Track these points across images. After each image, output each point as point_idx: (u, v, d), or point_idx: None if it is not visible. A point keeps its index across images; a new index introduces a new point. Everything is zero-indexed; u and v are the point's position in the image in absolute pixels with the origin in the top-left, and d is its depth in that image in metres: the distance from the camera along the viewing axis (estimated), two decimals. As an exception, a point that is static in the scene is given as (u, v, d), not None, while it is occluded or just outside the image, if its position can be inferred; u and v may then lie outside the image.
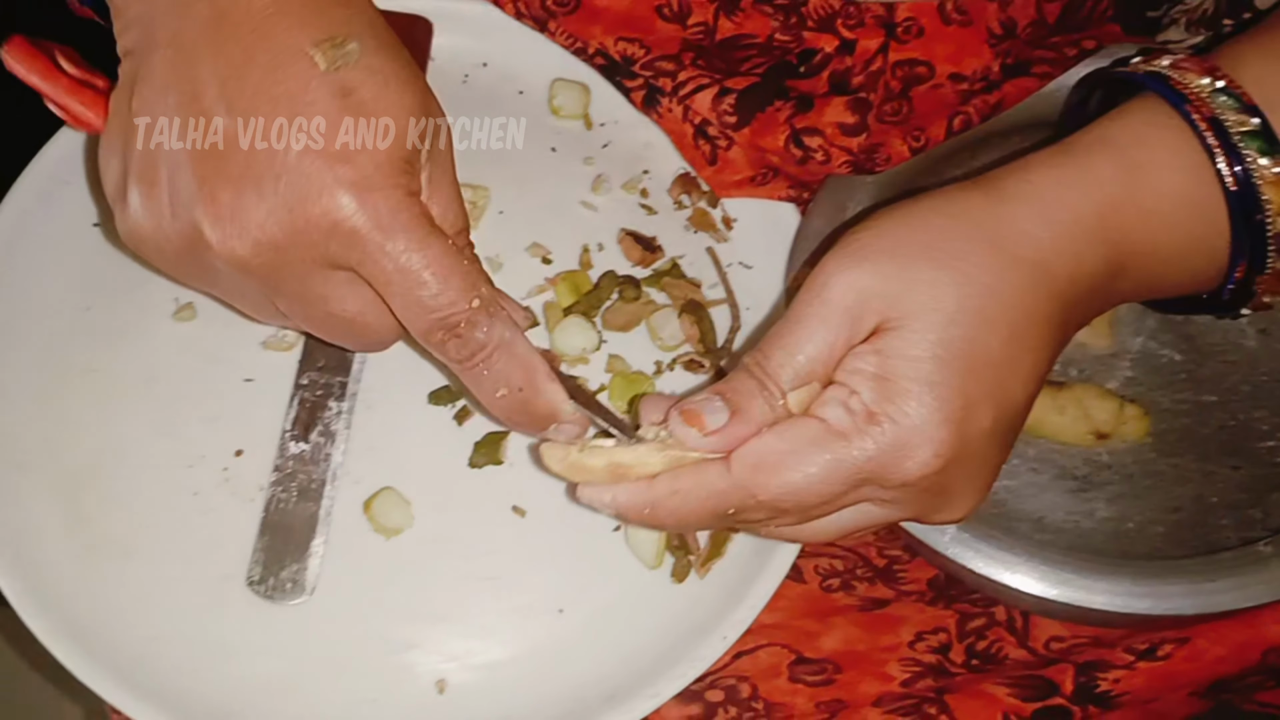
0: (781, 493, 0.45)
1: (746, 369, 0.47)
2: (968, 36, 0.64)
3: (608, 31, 0.68)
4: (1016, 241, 0.46)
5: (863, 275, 0.45)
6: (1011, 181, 0.48)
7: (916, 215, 0.47)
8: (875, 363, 0.45)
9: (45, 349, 0.62)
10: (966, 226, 0.46)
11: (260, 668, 0.56)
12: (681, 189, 0.68)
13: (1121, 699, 0.57)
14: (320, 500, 0.58)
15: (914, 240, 0.46)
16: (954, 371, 0.45)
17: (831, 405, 0.45)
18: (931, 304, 0.45)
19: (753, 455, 0.45)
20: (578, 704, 0.56)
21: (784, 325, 0.47)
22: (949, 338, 0.45)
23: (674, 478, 0.47)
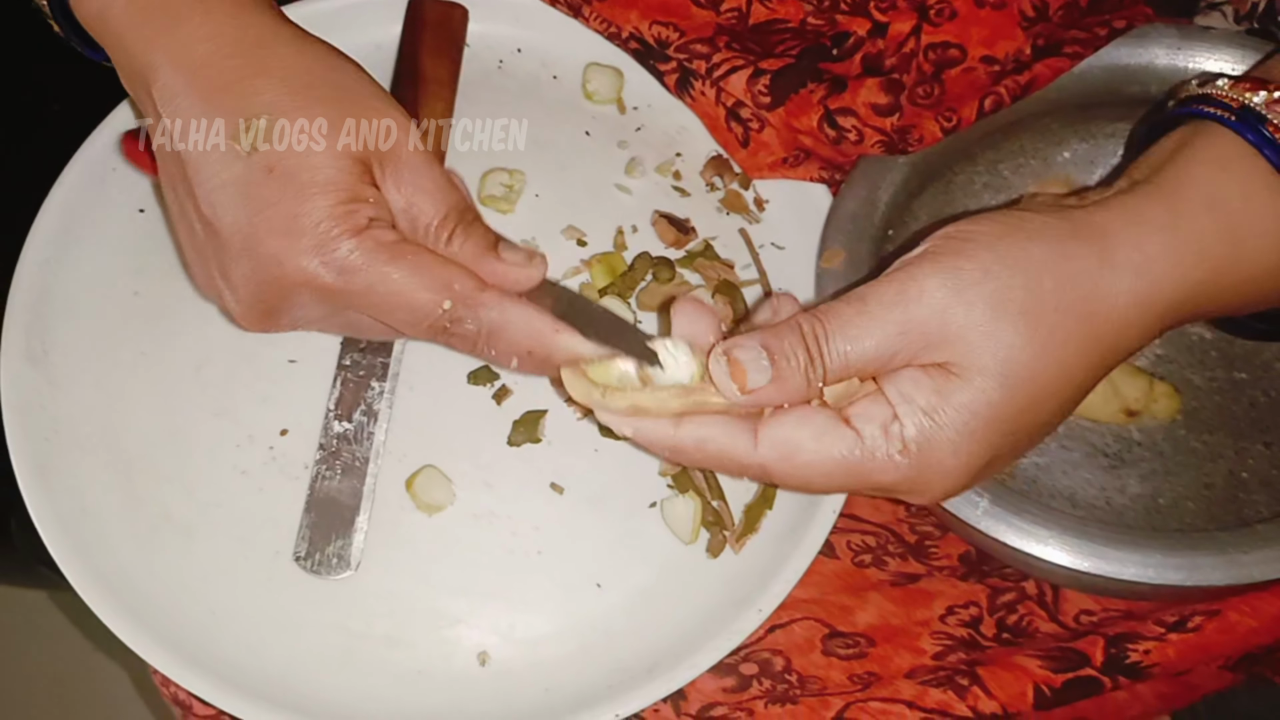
0: (797, 484, 0.47)
1: (801, 334, 0.46)
2: (1000, 19, 0.65)
3: (643, 16, 0.69)
4: (1109, 320, 0.46)
5: (957, 309, 0.45)
6: (1125, 250, 0.46)
7: (1027, 266, 0.45)
8: (930, 402, 0.45)
9: (98, 335, 0.63)
10: (1070, 296, 0.45)
11: (309, 640, 0.58)
12: (714, 171, 0.69)
13: (1152, 670, 0.57)
14: (364, 478, 0.59)
15: (1017, 295, 0.45)
16: (996, 434, 0.45)
17: (872, 423, 0.45)
18: (1005, 366, 0.45)
19: (784, 444, 0.46)
20: (616, 675, 0.57)
21: (856, 309, 0.46)
22: (1005, 405, 0.45)
23: (702, 434, 0.47)
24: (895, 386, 0.45)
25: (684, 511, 0.60)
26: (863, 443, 0.45)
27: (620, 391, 0.47)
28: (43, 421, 0.61)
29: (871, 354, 0.45)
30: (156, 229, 0.66)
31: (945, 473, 0.46)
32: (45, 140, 0.95)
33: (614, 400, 0.47)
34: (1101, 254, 0.46)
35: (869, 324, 0.45)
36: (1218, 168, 0.49)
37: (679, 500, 0.60)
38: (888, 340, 0.45)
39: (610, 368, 0.49)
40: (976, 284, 0.45)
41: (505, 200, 0.67)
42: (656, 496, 0.61)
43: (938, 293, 0.45)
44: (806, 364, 0.46)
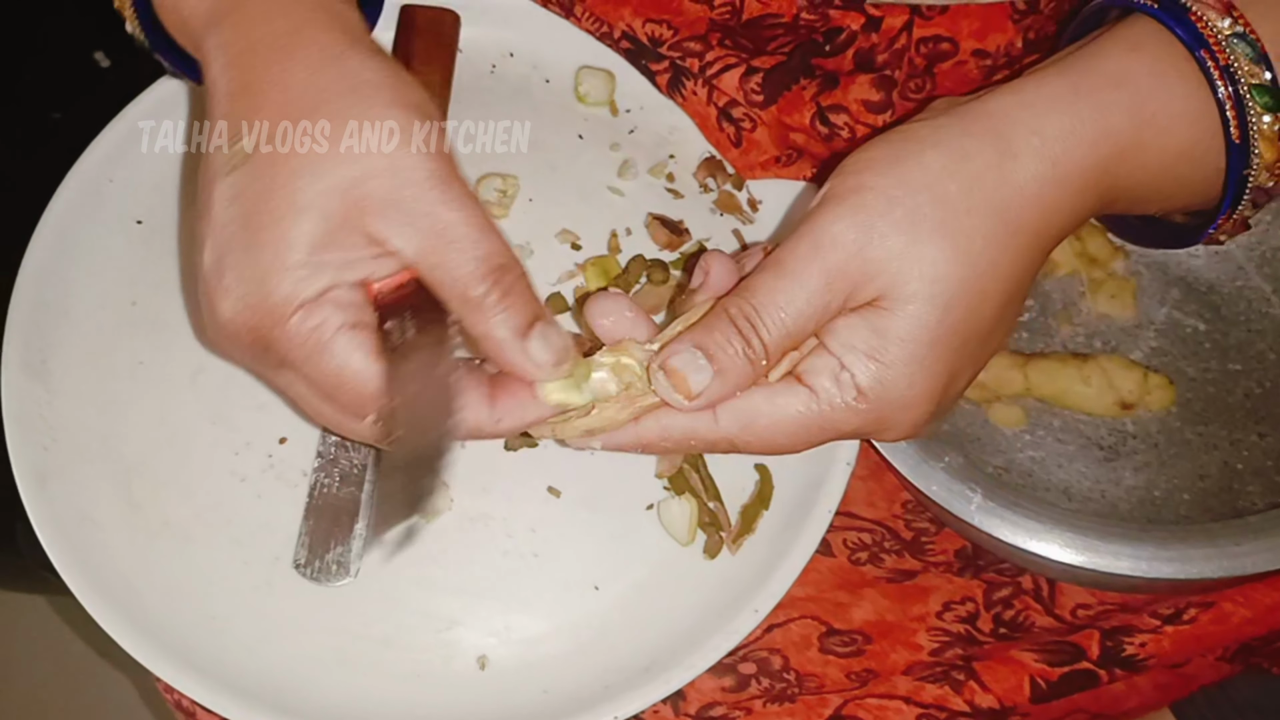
0: (765, 448, 0.48)
1: (730, 320, 0.46)
2: (992, 13, 0.65)
3: (636, 13, 0.69)
4: (1024, 210, 0.46)
5: (871, 244, 0.44)
6: (1023, 136, 0.46)
7: (928, 180, 0.45)
8: (871, 343, 0.45)
9: (96, 344, 0.64)
10: (979, 198, 0.45)
11: (308, 646, 0.58)
12: (707, 172, 0.69)
13: (1148, 662, 0.58)
14: (362, 485, 0.60)
15: (924, 211, 0.45)
16: (945, 351, 0.45)
17: (822, 375, 0.46)
18: (934, 286, 0.45)
19: (743, 415, 0.47)
20: (615, 677, 0.57)
21: (775, 275, 0.46)
22: (946, 321, 0.45)
23: (662, 425, 0.48)
24: (835, 338, 0.46)
25: (680, 513, 0.60)
26: (817, 397, 0.46)
27: (569, 423, 0.48)
28: (42, 430, 0.61)
29: (805, 316, 0.45)
30: (153, 240, 0.66)
31: (907, 405, 0.46)
32: (45, 149, 0.95)
33: (566, 430, 0.48)
34: (998, 145, 0.46)
35: (793, 286, 0.45)
36: (1128, 47, 0.48)
37: (675, 502, 0.60)
38: (816, 296, 0.45)
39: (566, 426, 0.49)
40: (884, 214, 0.45)
41: (500, 205, 0.67)
42: (653, 498, 0.61)
43: (849, 234, 0.45)
44: (744, 348, 0.46)
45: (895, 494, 0.65)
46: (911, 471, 0.59)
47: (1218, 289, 0.68)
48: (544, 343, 0.47)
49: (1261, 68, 0.47)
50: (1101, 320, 0.68)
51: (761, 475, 0.61)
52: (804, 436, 0.47)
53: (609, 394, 0.48)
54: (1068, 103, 0.47)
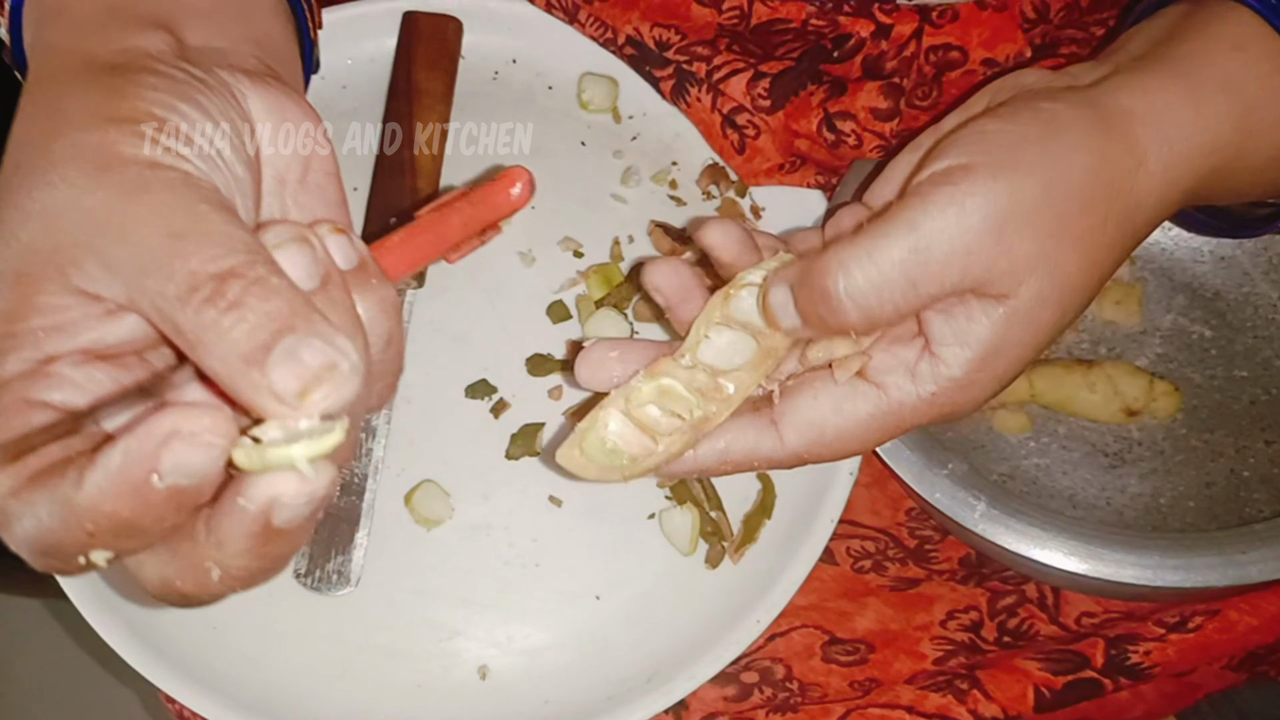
0: (835, 456, 0.47)
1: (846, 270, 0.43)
2: (1002, 21, 0.65)
3: (644, 17, 0.69)
4: (1141, 221, 0.46)
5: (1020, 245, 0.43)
6: (1155, 144, 0.45)
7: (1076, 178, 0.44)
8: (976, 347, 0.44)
9: (97, 353, 0.64)
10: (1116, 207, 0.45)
11: (309, 656, 0.58)
12: (710, 179, 0.69)
13: (1152, 671, 0.57)
14: (363, 494, 0.60)
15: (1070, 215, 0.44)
16: (1027, 348, 0.45)
17: (894, 373, 0.45)
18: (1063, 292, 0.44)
19: (810, 429, 0.46)
20: (616, 687, 0.57)
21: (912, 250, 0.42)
22: (1051, 327, 0.44)
23: (721, 447, 0.46)
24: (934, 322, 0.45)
25: (682, 523, 0.60)
26: (888, 395, 0.45)
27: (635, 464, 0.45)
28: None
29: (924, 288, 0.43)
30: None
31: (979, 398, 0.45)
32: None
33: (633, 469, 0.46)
34: (1135, 153, 0.45)
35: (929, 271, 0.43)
36: (1234, 47, 0.48)
37: (677, 511, 0.60)
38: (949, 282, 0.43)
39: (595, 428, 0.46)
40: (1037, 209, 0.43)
41: None
42: (655, 508, 0.61)
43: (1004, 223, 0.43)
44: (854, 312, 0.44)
45: (899, 502, 0.65)
46: (915, 479, 0.58)
47: (1224, 295, 0.68)
48: (289, 361, 0.32)
49: None
50: (1107, 326, 0.68)
51: (764, 484, 0.61)
52: (874, 440, 0.46)
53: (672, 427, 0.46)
54: (1190, 112, 0.46)
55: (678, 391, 0.46)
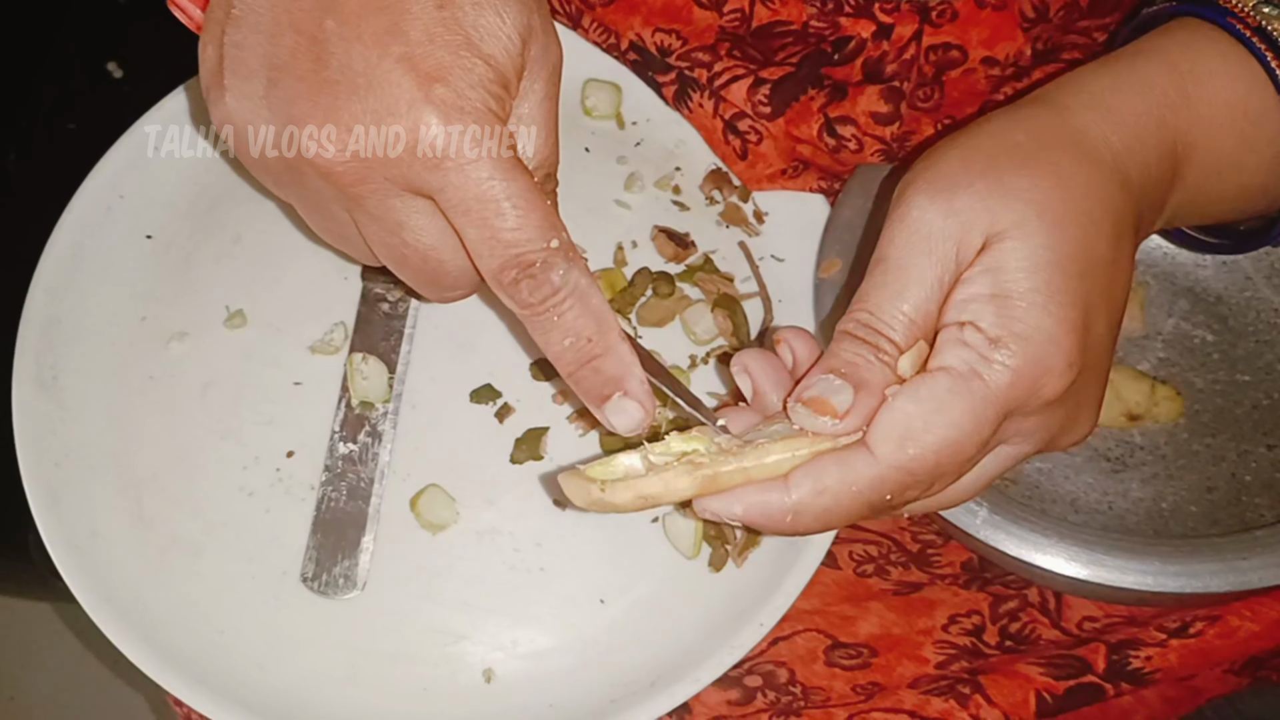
0: (941, 454, 0.42)
1: (851, 334, 0.44)
2: (1001, 20, 0.65)
3: (646, 22, 0.69)
4: (1095, 146, 0.46)
5: (959, 199, 0.43)
6: (1069, 95, 0.47)
7: (992, 134, 0.45)
8: (989, 282, 0.43)
9: (107, 360, 0.64)
10: (1047, 136, 0.45)
11: (316, 660, 0.58)
12: (713, 184, 0.69)
13: (1154, 676, 0.57)
14: (369, 499, 0.60)
15: (999, 156, 0.44)
16: (1071, 275, 0.43)
17: (949, 350, 0.43)
18: (1037, 210, 0.43)
19: (895, 429, 0.42)
20: (620, 690, 0.57)
21: (882, 271, 0.44)
22: (1061, 241, 0.43)
23: (816, 476, 0.43)
24: (953, 302, 0.44)
25: (685, 526, 0.60)
26: (955, 371, 0.42)
27: (622, 482, 0.44)
28: (53, 446, 0.62)
29: (923, 296, 0.44)
30: (163, 254, 0.67)
31: (1053, 337, 0.42)
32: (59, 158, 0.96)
33: (616, 493, 0.44)
34: (1049, 106, 0.47)
35: (899, 274, 0.44)
36: (1158, 34, 0.51)
37: (680, 516, 0.60)
38: (926, 272, 0.44)
39: (609, 465, 0.45)
40: (961, 169, 0.44)
41: None
42: (658, 512, 0.61)
43: (934, 201, 0.44)
44: (874, 352, 0.44)
45: (901, 506, 0.65)
46: (917, 485, 0.59)
47: (1226, 300, 0.68)
48: None
49: None
50: (1109, 331, 0.68)
51: (767, 489, 0.62)
52: (971, 423, 0.42)
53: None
54: (1104, 70, 0.49)
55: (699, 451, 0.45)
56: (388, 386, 0.63)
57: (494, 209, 0.44)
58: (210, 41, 0.47)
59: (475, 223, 0.44)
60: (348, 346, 0.64)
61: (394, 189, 0.45)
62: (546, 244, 0.45)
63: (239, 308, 0.65)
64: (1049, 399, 0.43)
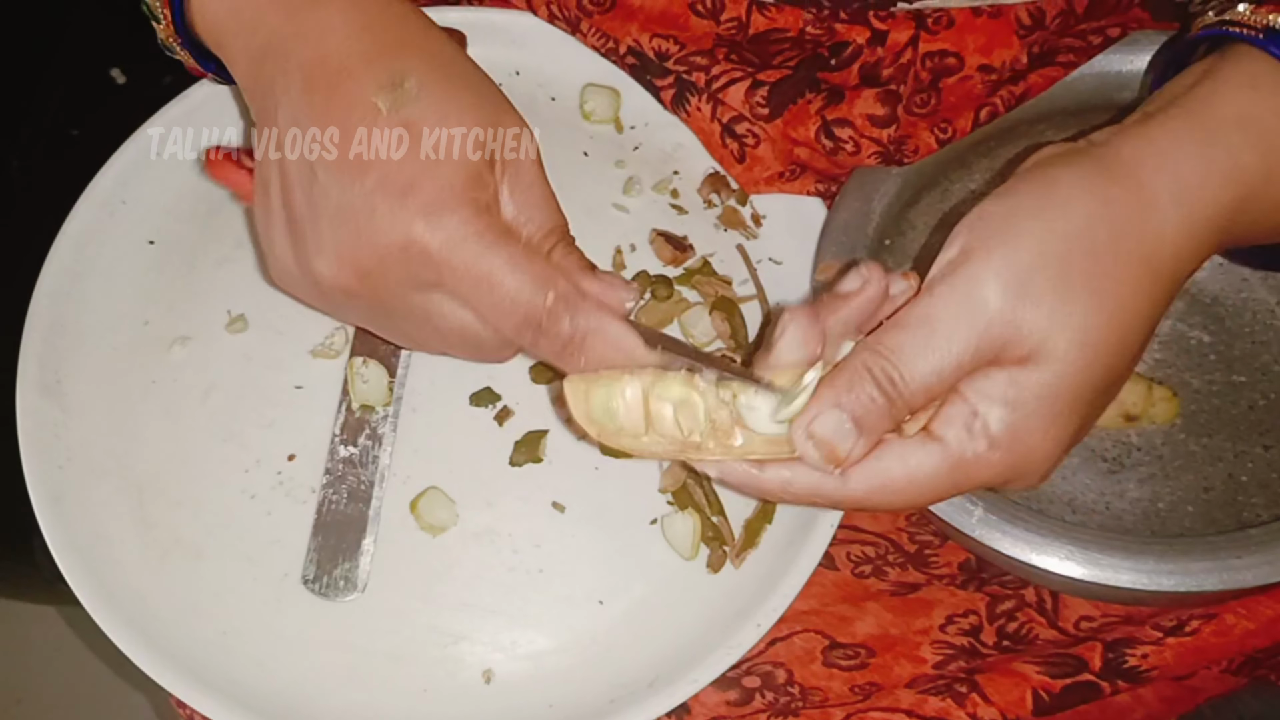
0: (896, 507, 0.47)
1: (874, 381, 0.45)
2: (997, 27, 0.65)
3: (643, 29, 0.69)
4: (1164, 258, 0.46)
5: (1026, 309, 0.44)
6: (1161, 180, 0.46)
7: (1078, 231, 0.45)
8: (1009, 393, 0.45)
9: (109, 364, 0.65)
10: (1126, 247, 0.45)
11: (317, 661, 0.59)
12: (711, 188, 0.70)
13: (1150, 674, 0.58)
14: (369, 501, 0.61)
15: (1076, 267, 0.44)
16: (1084, 402, 0.45)
17: (954, 425, 0.45)
18: (1084, 345, 0.44)
19: (875, 476, 0.46)
20: (619, 691, 0.58)
21: (924, 337, 0.45)
22: (1087, 375, 0.45)
23: (789, 479, 0.47)
24: (972, 386, 0.45)
25: (684, 528, 0.60)
26: (949, 449, 0.45)
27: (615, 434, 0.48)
28: (57, 450, 0.62)
29: (950, 375, 0.45)
30: (166, 260, 0.68)
31: (1041, 455, 0.45)
32: (63, 164, 0.97)
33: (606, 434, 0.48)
34: (1140, 193, 0.46)
35: (940, 349, 0.45)
36: (1246, 86, 0.48)
37: (679, 517, 0.61)
38: (964, 358, 0.45)
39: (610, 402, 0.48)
40: (1037, 269, 0.44)
41: None
42: (656, 513, 0.62)
43: (1002, 295, 0.44)
44: (887, 407, 0.45)
45: (899, 507, 0.65)
46: (913, 485, 0.59)
47: (1222, 301, 0.68)
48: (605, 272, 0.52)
49: None
50: (1105, 332, 0.68)
51: (764, 490, 0.62)
52: (936, 495, 0.46)
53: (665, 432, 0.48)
54: (1200, 147, 0.47)
55: (696, 412, 0.48)
56: (388, 390, 0.63)
57: (489, 283, 0.49)
58: (257, 207, 0.54)
59: (479, 299, 0.50)
60: (348, 350, 0.65)
61: (407, 290, 0.51)
62: (545, 300, 0.49)
63: (240, 312, 0.66)
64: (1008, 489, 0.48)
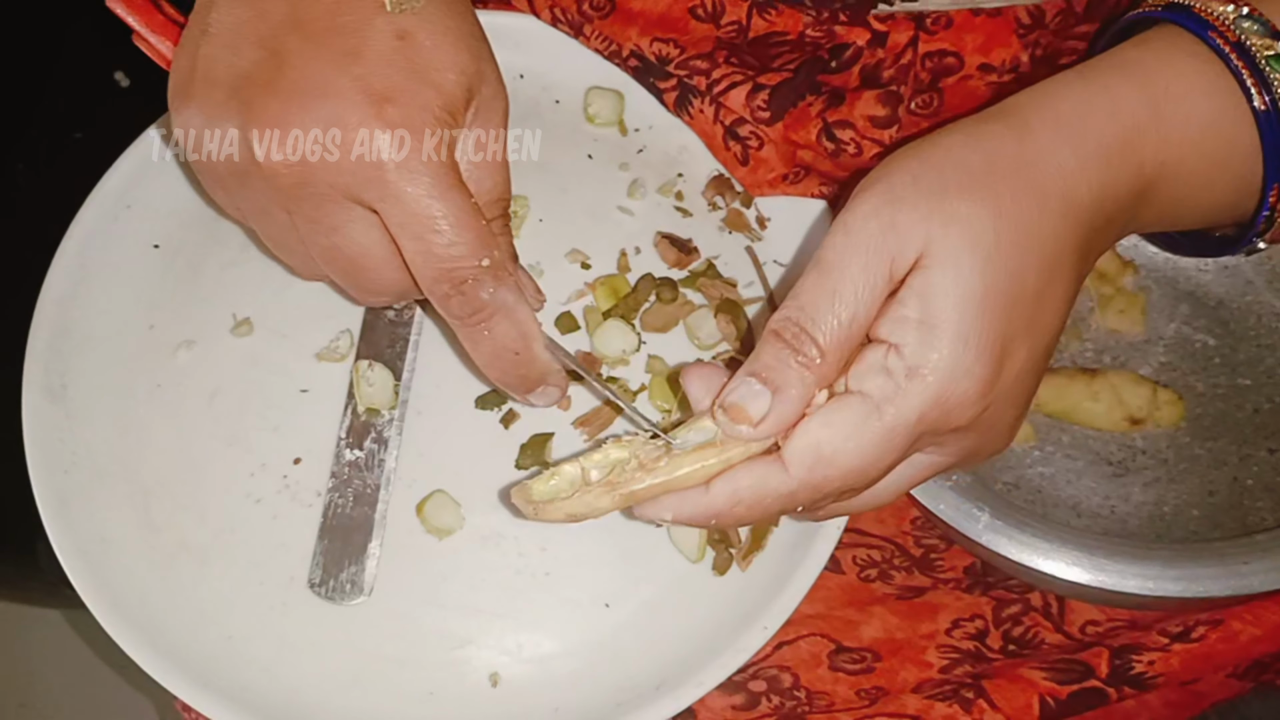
0: (847, 477, 0.45)
1: (777, 335, 0.45)
2: (996, 27, 0.65)
3: (643, 33, 0.69)
4: (1046, 173, 0.46)
5: (900, 213, 0.44)
6: (1035, 111, 0.47)
7: (947, 151, 0.46)
8: (918, 307, 0.44)
9: (115, 369, 0.65)
10: (999, 161, 0.45)
11: (323, 665, 0.59)
12: (715, 190, 0.70)
13: (1156, 680, 0.58)
14: (375, 505, 0.61)
15: (949, 177, 0.45)
16: (993, 310, 0.44)
17: (871, 374, 0.44)
18: (970, 242, 0.44)
19: (808, 451, 0.44)
20: (625, 694, 0.58)
21: (818, 274, 0.44)
22: (989, 276, 0.44)
23: (734, 489, 0.45)
24: (884, 320, 0.45)
25: (690, 531, 0.60)
26: (870, 398, 0.44)
27: (551, 504, 0.48)
28: (62, 454, 0.62)
29: (853, 301, 0.44)
30: (170, 264, 0.68)
31: (967, 371, 0.44)
32: (67, 167, 0.97)
33: (547, 513, 0.48)
34: (1013, 123, 0.47)
35: (835, 276, 0.44)
36: (1133, 44, 0.50)
37: (684, 520, 0.61)
38: (859, 278, 0.44)
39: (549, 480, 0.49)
40: (909, 185, 0.45)
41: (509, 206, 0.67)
42: (662, 516, 0.62)
43: (878, 212, 0.44)
44: (795, 356, 0.44)
45: (904, 511, 0.65)
46: (920, 490, 0.59)
47: (1227, 304, 0.69)
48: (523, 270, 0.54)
49: (1275, 39, 0.47)
50: (1110, 336, 0.68)
51: (770, 494, 0.62)
52: (876, 450, 0.44)
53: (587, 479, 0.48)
54: (1077, 86, 0.48)
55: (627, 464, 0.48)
56: (394, 393, 0.63)
57: (430, 225, 0.48)
58: (184, 54, 0.51)
59: (412, 236, 0.48)
60: (354, 354, 0.65)
61: (335, 195, 0.48)
62: (478, 262, 0.49)
63: (246, 316, 0.66)
64: (958, 425, 0.45)
